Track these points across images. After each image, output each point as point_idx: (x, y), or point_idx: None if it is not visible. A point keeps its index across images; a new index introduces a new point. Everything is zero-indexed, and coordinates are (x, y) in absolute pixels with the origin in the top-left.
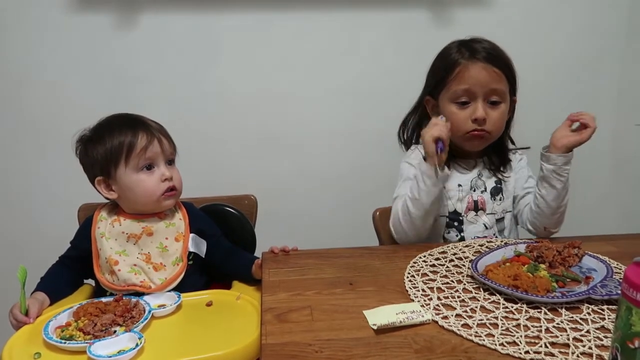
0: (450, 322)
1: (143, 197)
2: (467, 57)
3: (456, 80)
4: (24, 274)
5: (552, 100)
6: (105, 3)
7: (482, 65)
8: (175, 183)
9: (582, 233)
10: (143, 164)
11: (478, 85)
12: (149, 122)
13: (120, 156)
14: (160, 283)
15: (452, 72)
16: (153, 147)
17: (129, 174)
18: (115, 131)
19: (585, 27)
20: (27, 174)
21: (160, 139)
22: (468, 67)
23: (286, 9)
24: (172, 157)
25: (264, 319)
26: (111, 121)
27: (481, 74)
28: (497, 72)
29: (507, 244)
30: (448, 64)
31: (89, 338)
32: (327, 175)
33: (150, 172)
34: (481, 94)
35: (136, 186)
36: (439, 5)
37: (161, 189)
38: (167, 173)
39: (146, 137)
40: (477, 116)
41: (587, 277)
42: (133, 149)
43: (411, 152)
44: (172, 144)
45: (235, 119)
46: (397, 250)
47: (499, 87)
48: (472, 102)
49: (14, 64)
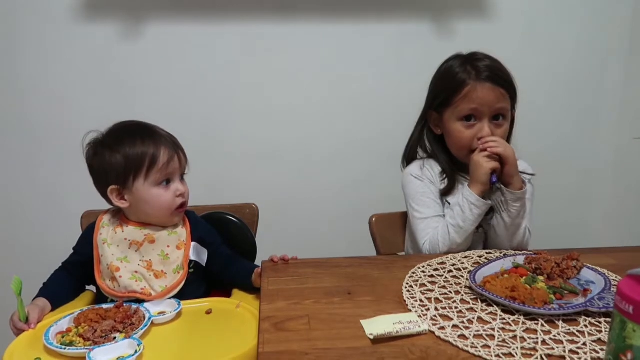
0: (447, 333)
1: (157, 211)
2: (474, 77)
3: (463, 100)
4: (18, 285)
5: (552, 113)
6: (111, 14)
7: (490, 86)
8: (186, 198)
9: (581, 245)
10: (162, 179)
11: (486, 105)
12: (164, 133)
13: (141, 168)
14: (161, 291)
15: (459, 91)
16: (174, 163)
17: (147, 188)
18: (137, 141)
19: (587, 41)
20: (30, 181)
21: (179, 154)
22: (476, 88)
23: (289, 21)
24: (185, 171)
25: (262, 328)
26: (130, 129)
27: (489, 95)
28: (503, 92)
29: (506, 256)
30: (455, 83)
31: (89, 344)
32: (328, 185)
33: (167, 187)
34: (487, 114)
35: (152, 200)
36: (440, 17)
37: (176, 204)
38: (182, 188)
39: (168, 153)
40: (484, 135)
41: (585, 290)
42: (155, 163)
43: (413, 167)
44: (186, 157)
45: (237, 128)
46: (396, 260)
47: (503, 106)
48: (478, 121)
49: (19, 73)
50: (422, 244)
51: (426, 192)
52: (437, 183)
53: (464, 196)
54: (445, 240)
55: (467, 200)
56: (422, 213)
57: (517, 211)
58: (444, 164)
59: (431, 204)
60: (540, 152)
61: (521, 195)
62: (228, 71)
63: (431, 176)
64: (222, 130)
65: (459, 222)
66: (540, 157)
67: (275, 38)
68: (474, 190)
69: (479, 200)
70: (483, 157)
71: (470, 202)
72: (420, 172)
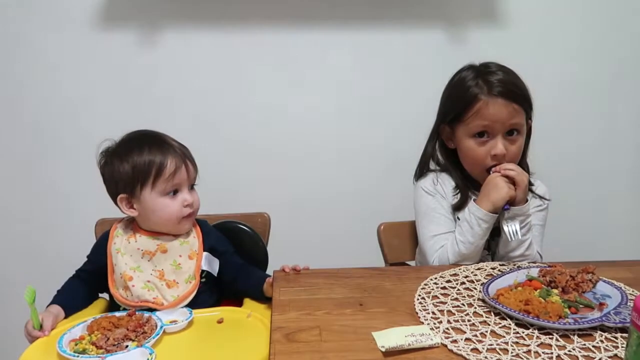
0: (460, 346)
1: (163, 220)
2: (486, 92)
3: (475, 117)
4: (32, 295)
5: (569, 121)
6: (128, 23)
7: (502, 102)
8: (194, 207)
9: (597, 258)
10: (169, 189)
11: (498, 122)
12: (175, 143)
13: (147, 177)
14: (173, 300)
15: (471, 107)
16: (181, 173)
17: (153, 197)
18: (145, 150)
19: (603, 47)
20: (45, 189)
21: (187, 164)
22: (488, 105)
23: (303, 30)
24: (194, 182)
25: (273, 338)
26: (139, 138)
27: (502, 112)
28: (517, 107)
29: (520, 268)
30: (466, 98)
31: (101, 352)
32: (340, 196)
33: (174, 197)
34: (501, 131)
35: (159, 210)
36: (453, 26)
37: (183, 214)
38: (189, 198)
39: (175, 163)
40: (497, 152)
41: (601, 304)
42: (162, 173)
43: (426, 181)
44: (196, 168)
45: (250, 137)
46: (408, 271)
47: (517, 122)
48: (491, 137)
49: (38, 81)
50: (432, 261)
51: (437, 208)
52: (449, 198)
53: (470, 212)
54: (456, 256)
55: (474, 216)
56: (432, 230)
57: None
58: (458, 179)
59: (442, 220)
60: (556, 160)
61: (525, 211)
62: (241, 80)
63: (443, 192)
64: (235, 138)
65: (468, 237)
66: (557, 166)
67: (288, 47)
68: (484, 207)
69: (487, 215)
70: (503, 181)
71: (478, 217)
72: (433, 187)
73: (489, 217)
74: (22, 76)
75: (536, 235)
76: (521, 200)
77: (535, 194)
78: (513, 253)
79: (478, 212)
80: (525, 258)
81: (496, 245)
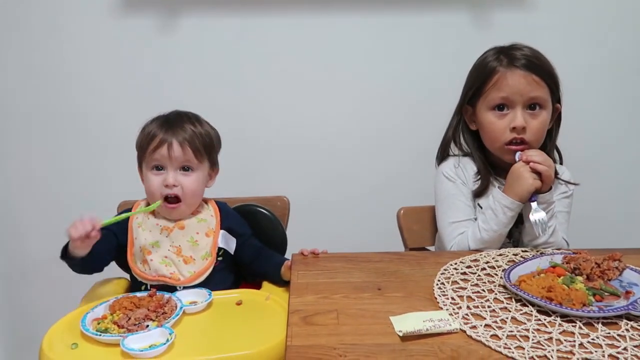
0: (479, 332)
1: (148, 195)
2: (505, 64)
3: (494, 88)
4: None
5: (598, 107)
6: (147, 8)
7: (521, 73)
8: (179, 192)
9: (624, 245)
10: (153, 164)
11: (517, 93)
12: (185, 125)
13: (142, 150)
14: (189, 276)
15: (489, 79)
16: (161, 150)
17: (144, 169)
18: (153, 124)
19: (634, 31)
20: (68, 172)
21: (172, 144)
22: (506, 75)
23: (325, 13)
24: (187, 165)
25: (291, 321)
26: (166, 115)
27: (520, 82)
28: (537, 79)
29: (543, 254)
30: (486, 71)
31: (122, 331)
32: (359, 180)
33: (159, 173)
34: (520, 102)
35: (145, 182)
36: (478, 8)
37: (161, 193)
38: (170, 180)
39: (161, 139)
40: (516, 124)
41: (627, 292)
42: (148, 147)
43: (447, 165)
44: (192, 151)
45: (270, 121)
46: (427, 256)
47: (539, 95)
48: (511, 110)
49: (60, 66)
50: (450, 247)
51: (457, 195)
52: (469, 184)
53: (495, 199)
54: (477, 243)
55: (499, 204)
56: (450, 217)
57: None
58: (479, 163)
59: (461, 206)
60: (585, 145)
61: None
62: (262, 64)
63: (464, 177)
64: (255, 123)
65: (492, 225)
66: (584, 152)
67: (310, 30)
68: (509, 196)
69: (514, 203)
70: (528, 172)
71: (504, 205)
72: (454, 172)
73: (515, 205)
74: (44, 61)
75: (562, 222)
76: (545, 191)
77: (561, 179)
78: (537, 241)
79: (504, 199)
80: (549, 245)
81: (519, 234)
